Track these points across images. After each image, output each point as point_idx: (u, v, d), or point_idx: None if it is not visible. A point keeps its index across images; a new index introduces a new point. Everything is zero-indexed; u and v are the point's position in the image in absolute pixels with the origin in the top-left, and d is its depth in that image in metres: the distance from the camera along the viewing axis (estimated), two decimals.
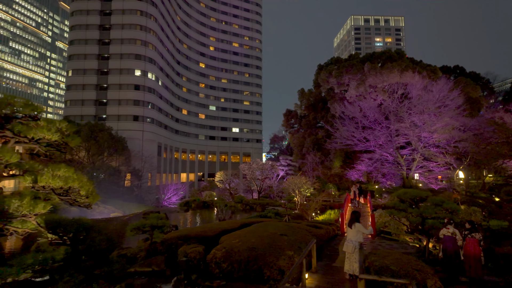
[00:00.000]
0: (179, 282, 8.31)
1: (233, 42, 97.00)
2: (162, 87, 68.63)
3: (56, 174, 5.00)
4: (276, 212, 20.56)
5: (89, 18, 62.82)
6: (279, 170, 38.36)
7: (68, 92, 62.51)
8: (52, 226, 3.70)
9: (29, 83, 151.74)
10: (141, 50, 62.29)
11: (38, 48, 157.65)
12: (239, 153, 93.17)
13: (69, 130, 5.66)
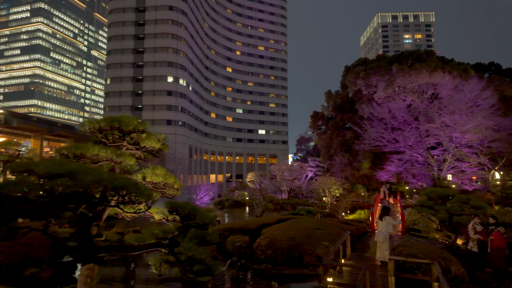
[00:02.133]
0: (233, 264, 9.86)
1: (259, 46, 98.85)
2: (192, 92, 71.71)
3: (155, 173, 6.70)
4: (308, 211, 21.76)
5: (124, 29, 67.09)
6: (307, 171, 39.35)
7: (107, 99, 67.08)
8: (172, 209, 5.28)
9: (67, 90, 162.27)
10: (173, 58, 65.59)
11: (76, 57, 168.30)
12: (265, 155, 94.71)
13: (164, 140, 7.40)
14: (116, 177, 4.24)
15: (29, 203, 4.11)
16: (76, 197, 4.37)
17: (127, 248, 5.41)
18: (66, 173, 3.89)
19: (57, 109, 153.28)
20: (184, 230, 5.35)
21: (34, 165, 4.12)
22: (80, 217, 5.32)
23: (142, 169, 6.97)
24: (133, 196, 4.31)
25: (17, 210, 4.31)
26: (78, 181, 3.82)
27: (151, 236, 5.42)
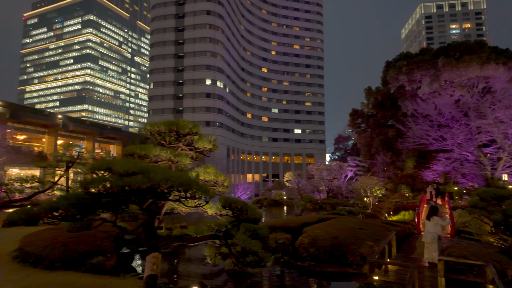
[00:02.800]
0: (276, 260, 10.19)
1: (294, 45, 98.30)
2: (229, 93, 73.37)
3: (207, 171, 7.26)
4: (349, 211, 21.45)
5: (165, 35, 70.51)
6: (347, 171, 38.53)
7: (151, 103, 70.98)
8: (226, 204, 5.78)
9: (114, 95, 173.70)
10: (211, 61, 67.65)
11: (121, 64, 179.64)
12: (301, 154, 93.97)
13: (214, 141, 7.98)
14: (180, 175, 4.75)
15: (108, 197, 4.77)
16: (144, 193, 4.97)
17: (187, 239, 5.97)
18: (140, 171, 4.49)
19: (105, 113, 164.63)
20: (236, 224, 5.79)
21: (112, 164, 4.77)
22: (146, 210, 5.98)
23: (194, 167, 7.56)
24: (194, 192, 4.81)
25: (96, 204, 5.01)
26: (150, 178, 4.39)
27: (208, 229, 5.93)
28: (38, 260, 9.19)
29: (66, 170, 19.69)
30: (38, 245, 9.78)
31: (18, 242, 11.76)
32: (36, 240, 10.36)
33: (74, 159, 19.65)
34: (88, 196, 4.65)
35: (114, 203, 5.29)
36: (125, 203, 5.52)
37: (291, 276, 10.41)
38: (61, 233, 11.00)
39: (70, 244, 9.78)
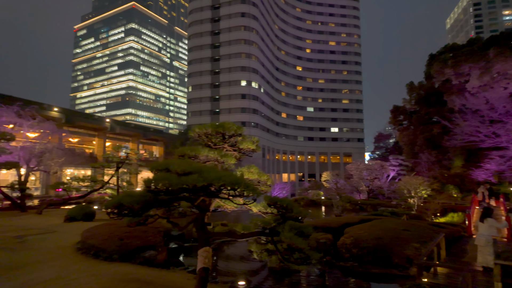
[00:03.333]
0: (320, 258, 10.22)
1: (330, 41, 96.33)
2: (264, 93, 73.85)
3: (250, 171, 7.57)
4: (391, 212, 20.70)
5: (202, 39, 72.75)
6: (389, 170, 37.01)
7: (190, 105, 73.67)
8: (271, 203, 6.03)
9: (155, 99, 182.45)
10: (246, 62, 68.59)
11: (160, 69, 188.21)
12: (339, 153, 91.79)
13: (257, 142, 8.30)
14: (230, 174, 5.07)
15: (166, 195, 5.21)
16: (198, 191, 5.35)
17: (236, 235, 6.30)
18: (195, 171, 4.87)
19: (147, 116, 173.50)
20: (281, 222, 5.99)
21: (170, 164, 5.22)
22: (197, 207, 6.39)
23: (238, 167, 7.90)
24: (243, 190, 5.09)
25: (155, 201, 5.49)
26: (205, 177, 4.74)
27: (254, 226, 6.20)
28: (98, 252, 10.12)
29: (117, 170, 21.27)
30: (97, 238, 10.76)
31: (79, 235, 13.01)
32: (95, 234, 11.39)
33: (123, 160, 21.15)
34: (149, 194, 5.12)
35: (170, 200, 5.75)
36: (179, 200, 5.97)
37: (334, 276, 10.38)
38: (116, 228, 11.98)
39: (125, 238, 10.62)
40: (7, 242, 12.39)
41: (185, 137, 57.12)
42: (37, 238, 13.24)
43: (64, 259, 9.91)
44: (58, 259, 9.97)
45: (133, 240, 10.65)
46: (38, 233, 14.26)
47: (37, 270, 8.58)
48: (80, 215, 17.29)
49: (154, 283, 7.00)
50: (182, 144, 56.86)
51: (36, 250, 11.21)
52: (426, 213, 21.30)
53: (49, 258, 10.08)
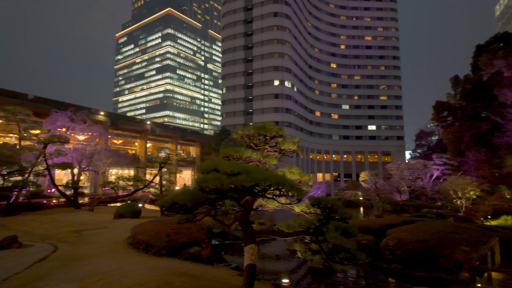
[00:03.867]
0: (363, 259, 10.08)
1: (365, 36, 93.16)
2: (297, 92, 73.33)
3: (291, 171, 7.72)
4: (436, 213, 19.67)
5: (235, 41, 73.90)
6: (433, 170, 35.01)
7: (224, 106, 75.21)
8: (315, 203, 6.14)
9: (190, 101, 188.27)
10: (278, 62, 68.58)
11: (195, 72, 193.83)
12: (377, 152, 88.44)
13: (298, 142, 8.45)
14: (275, 175, 5.26)
15: (216, 193, 5.53)
16: (245, 190, 5.60)
17: (280, 233, 6.48)
18: (243, 171, 5.12)
19: (183, 117, 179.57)
20: (325, 222, 6.05)
21: (219, 165, 5.53)
22: (242, 206, 6.66)
23: (278, 167, 8.07)
24: (289, 190, 5.25)
25: (205, 199, 5.82)
26: (253, 177, 4.97)
27: (298, 225, 6.34)
28: (147, 247, 10.83)
29: (160, 170, 22.44)
30: (146, 234, 11.51)
31: (128, 231, 13.97)
32: (143, 231, 12.18)
33: (165, 160, 22.25)
34: (200, 193, 5.47)
35: (217, 199, 6.07)
36: (226, 199, 6.27)
37: (377, 278, 10.18)
38: (162, 225, 12.71)
39: (171, 235, 11.25)
40: (68, 236, 13.66)
41: (220, 137, 58.44)
42: (92, 233, 14.43)
43: (118, 253, 10.74)
44: (112, 252, 10.82)
45: (178, 237, 11.25)
46: (92, 229, 15.53)
47: (96, 262, 9.41)
48: (128, 212, 18.50)
49: (201, 278, 7.39)
50: (217, 145, 58.20)
51: (92, 244, 12.26)
52: (475, 215, 19.96)
53: (105, 251, 10.98)
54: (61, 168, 24.81)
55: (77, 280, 7.55)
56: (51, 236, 13.66)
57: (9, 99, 32.86)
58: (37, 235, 13.83)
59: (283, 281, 8.66)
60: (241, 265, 10.84)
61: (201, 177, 5.24)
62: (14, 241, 11.33)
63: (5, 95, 33.98)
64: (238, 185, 5.02)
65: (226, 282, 7.38)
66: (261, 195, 5.66)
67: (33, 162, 23.12)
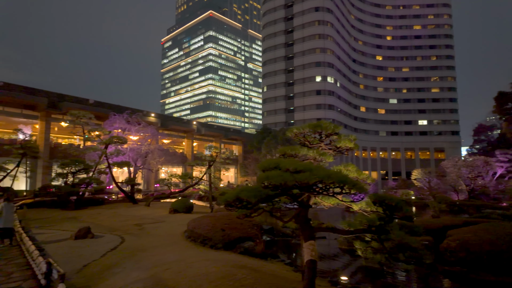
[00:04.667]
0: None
1: (414, 25, 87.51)
2: (340, 88, 71.32)
3: (348, 169, 7.68)
4: (502, 215, 17.99)
5: (276, 39, 73.93)
6: (496, 167, 31.91)
7: (265, 105, 75.75)
8: (377, 200, 6.11)
9: (231, 101, 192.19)
10: (320, 57, 67.26)
11: (236, 72, 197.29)
12: (428, 149, 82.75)
13: (354, 140, 8.39)
14: (337, 172, 5.31)
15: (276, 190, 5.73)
16: (306, 188, 5.72)
17: (341, 231, 6.51)
18: (306, 169, 5.26)
19: (225, 117, 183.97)
20: (388, 220, 5.95)
21: (280, 163, 5.73)
22: (300, 203, 6.80)
23: (333, 165, 8.05)
24: (351, 188, 5.27)
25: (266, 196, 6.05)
26: (316, 175, 5.09)
27: (360, 223, 6.31)
28: (204, 240, 11.44)
29: (208, 168, 23.41)
30: (202, 228, 12.15)
31: (184, 225, 14.84)
32: (199, 225, 12.86)
33: (214, 159, 23.17)
34: (262, 189, 5.71)
35: (275, 196, 6.27)
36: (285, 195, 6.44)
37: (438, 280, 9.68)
38: (215, 220, 13.31)
39: (226, 230, 11.76)
40: (131, 229, 14.90)
41: (261, 136, 59.01)
42: (152, 226, 15.57)
43: (177, 245, 11.50)
44: (172, 244, 11.61)
45: (232, 231, 11.72)
46: (152, 222, 16.74)
47: (160, 253, 10.19)
48: (182, 207, 19.62)
49: (260, 272, 7.67)
50: (259, 143, 58.86)
51: (153, 236, 13.25)
52: None
53: (166, 243, 11.82)
54: (119, 166, 27.01)
55: (147, 269, 8.27)
56: (117, 228, 15.01)
57: (73, 104, 36.40)
58: (104, 227, 15.28)
59: (341, 279, 8.63)
60: (294, 261, 10.99)
61: (264, 175, 5.46)
62: (88, 232, 12.67)
63: (70, 101, 37.70)
64: (301, 183, 5.16)
65: (284, 277, 7.58)
66: (321, 192, 5.75)
67: (97, 161, 25.47)
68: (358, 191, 5.42)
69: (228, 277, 6.76)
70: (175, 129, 52.99)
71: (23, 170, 26.92)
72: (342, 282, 8.34)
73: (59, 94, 37.72)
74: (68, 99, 37.79)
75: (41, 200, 23.78)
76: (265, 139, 55.52)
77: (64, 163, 22.56)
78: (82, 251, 10.58)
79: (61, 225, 16.17)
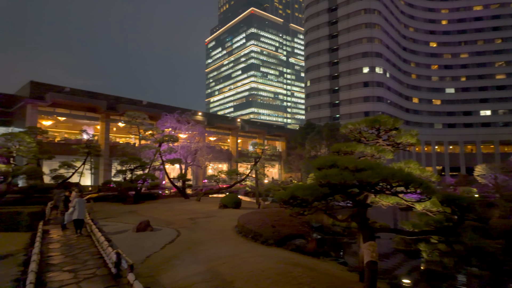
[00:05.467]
0: None
1: (474, 6, 79.33)
2: (389, 78, 67.44)
3: (409, 166, 7.26)
4: None
5: (319, 32, 72.05)
6: None
7: (308, 100, 74.44)
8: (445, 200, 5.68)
9: (273, 97, 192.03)
10: (367, 47, 64.14)
11: (277, 67, 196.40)
12: (492, 142, 74.76)
13: (416, 135, 7.91)
14: (401, 171, 5.02)
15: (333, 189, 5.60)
16: (365, 186, 5.50)
17: (404, 232, 6.17)
18: (367, 167, 5.05)
19: (267, 113, 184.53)
20: (458, 222, 5.49)
21: (337, 161, 5.59)
22: (357, 202, 6.57)
23: (391, 162, 7.64)
24: (416, 187, 4.95)
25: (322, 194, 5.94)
26: (379, 173, 4.87)
27: (425, 224, 5.92)
28: (255, 236, 11.62)
29: (255, 164, 23.72)
30: (253, 224, 12.35)
31: (234, 220, 15.22)
32: (249, 221, 13.09)
33: (260, 155, 23.40)
34: (319, 187, 5.61)
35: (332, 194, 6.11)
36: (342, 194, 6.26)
37: None
38: (265, 216, 13.43)
39: (276, 226, 11.82)
40: (185, 223, 15.68)
41: (305, 131, 58.15)
42: (204, 221, 16.22)
43: (230, 239, 11.84)
44: (225, 239, 11.98)
45: (283, 228, 11.75)
46: (204, 217, 17.45)
47: (214, 247, 10.58)
48: (231, 203, 20.16)
49: (315, 270, 7.58)
50: (302, 139, 58.04)
51: (206, 230, 13.79)
52: None
53: (218, 237, 12.23)
54: (172, 163, 28.52)
55: (205, 262, 8.63)
56: (173, 222, 15.89)
57: (129, 106, 39.13)
58: (161, 221, 16.26)
59: (403, 281, 8.18)
60: (348, 260, 10.69)
61: (322, 173, 5.36)
62: (148, 225, 13.58)
63: (126, 103, 40.61)
64: (362, 181, 4.97)
65: (340, 277, 7.41)
66: (382, 191, 5.48)
67: (152, 159, 27.18)
68: (424, 190, 5.06)
69: (284, 274, 6.78)
70: (221, 127, 54.43)
71: (88, 167, 29.69)
72: (404, 285, 7.90)
73: (116, 96, 40.84)
74: (124, 101, 40.75)
75: (104, 194, 26.05)
76: (309, 134, 54.63)
77: (123, 161, 24.42)
78: (143, 243, 11.38)
79: (122, 218, 17.56)
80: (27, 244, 11.31)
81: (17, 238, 12.23)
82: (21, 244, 11.26)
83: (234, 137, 57.83)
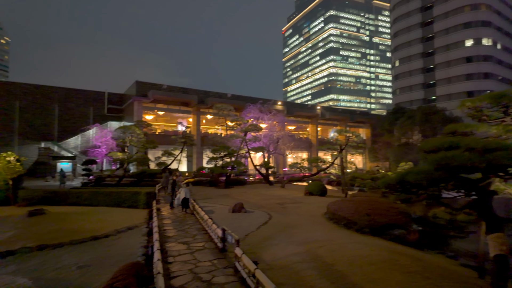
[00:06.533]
0: None
1: None
2: (501, 51, 56.68)
3: None
4: None
5: (409, 5, 64.55)
6: None
7: (396, 81, 68.03)
8: None
9: (355, 81, 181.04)
10: (470, 16, 54.95)
11: (359, 49, 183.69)
12: None
13: None
14: None
15: (453, 173, 5.07)
16: (494, 170, 4.83)
17: None
18: (500, 147, 4.43)
19: (348, 99, 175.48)
20: None
21: (460, 141, 5.04)
22: (477, 189, 5.83)
23: None
24: None
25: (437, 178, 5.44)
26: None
27: None
28: (349, 223, 11.37)
29: (340, 152, 23.00)
30: (345, 211, 12.09)
31: (322, 207, 15.14)
32: (340, 208, 12.83)
33: (347, 142, 22.58)
34: (434, 171, 5.16)
35: (448, 179, 5.54)
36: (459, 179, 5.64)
37: None
38: (357, 204, 12.97)
39: (371, 215, 11.32)
40: (274, 207, 16.28)
41: (394, 116, 53.50)
42: (292, 206, 16.57)
43: (321, 225, 11.86)
44: (316, 224, 12.05)
45: (378, 217, 11.19)
46: (291, 202, 17.82)
47: (307, 231, 10.74)
48: (316, 190, 20.08)
49: (423, 261, 7.06)
50: (390, 125, 53.51)
51: (296, 215, 14.08)
52: None
53: (309, 222, 12.37)
54: (256, 151, 29.74)
55: (300, 244, 8.86)
56: (263, 205, 16.68)
57: (216, 99, 41.99)
58: (252, 204, 17.22)
59: None
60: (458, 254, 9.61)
61: (440, 155, 4.90)
62: (242, 207, 14.56)
63: (213, 96, 43.67)
64: (492, 164, 4.37)
65: (454, 271, 6.74)
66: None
67: (238, 147, 28.81)
68: None
69: (389, 262, 6.51)
70: (300, 115, 54.12)
71: (185, 155, 33.18)
72: None
73: (204, 91, 44.27)
74: (212, 95, 43.89)
75: (198, 179, 28.83)
76: (398, 120, 50.17)
77: (215, 149, 26.54)
78: (240, 223, 12.27)
79: (217, 200, 19.19)
80: (145, 218, 13.36)
81: (138, 213, 14.55)
82: (142, 219, 13.36)
83: (313, 125, 56.90)
